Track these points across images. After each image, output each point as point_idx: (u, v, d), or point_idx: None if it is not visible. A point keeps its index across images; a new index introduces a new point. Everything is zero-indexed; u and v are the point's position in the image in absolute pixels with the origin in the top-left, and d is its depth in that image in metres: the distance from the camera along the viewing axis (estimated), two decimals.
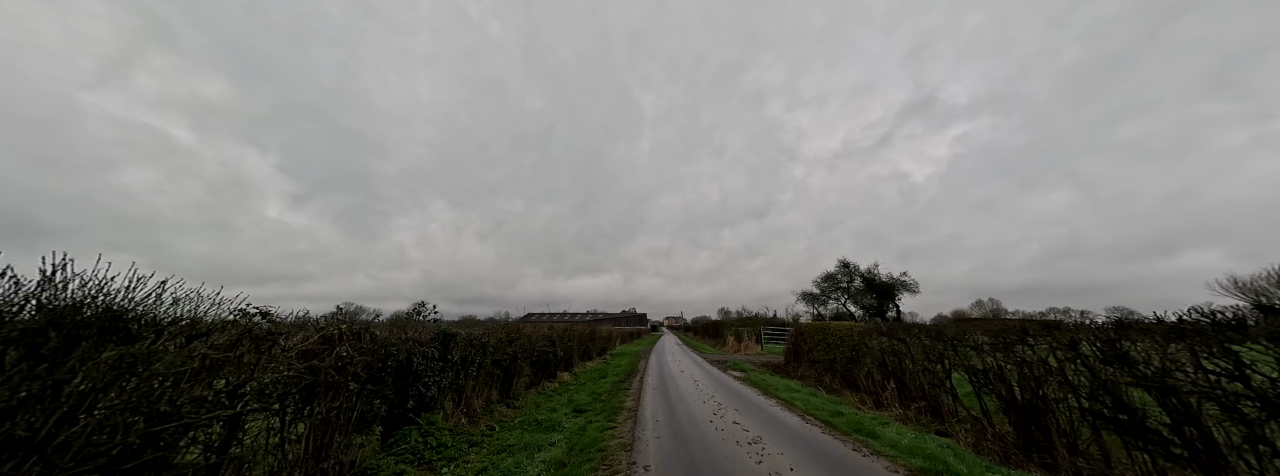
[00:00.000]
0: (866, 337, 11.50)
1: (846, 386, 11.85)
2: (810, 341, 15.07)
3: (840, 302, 37.11)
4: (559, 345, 12.66)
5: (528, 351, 10.10)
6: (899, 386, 9.31)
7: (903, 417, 8.38)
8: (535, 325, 11.79)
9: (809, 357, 15.85)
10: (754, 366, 17.05)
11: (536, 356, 11.10)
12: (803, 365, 15.99)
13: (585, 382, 12.52)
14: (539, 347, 11.05)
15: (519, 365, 9.38)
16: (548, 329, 12.14)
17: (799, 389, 10.55)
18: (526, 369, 10.29)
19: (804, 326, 15.87)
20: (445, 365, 6.14)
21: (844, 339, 12.27)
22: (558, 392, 10.77)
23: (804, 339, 16.05)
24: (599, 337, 21.65)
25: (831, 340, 13.01)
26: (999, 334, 6.67)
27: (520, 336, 9.61)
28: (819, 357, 14.24)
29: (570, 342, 14.64)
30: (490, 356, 8.08)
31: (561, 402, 9.29)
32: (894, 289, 34.05)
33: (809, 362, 15.63)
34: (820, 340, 13.95)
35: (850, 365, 11.99)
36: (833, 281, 37.76)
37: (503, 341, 8.69)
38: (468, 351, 7.05)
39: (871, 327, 11.65)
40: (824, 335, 13.66)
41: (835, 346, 12.81)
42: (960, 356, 7.41)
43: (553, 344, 12.05)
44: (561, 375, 13.26)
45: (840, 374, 12.33)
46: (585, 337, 17.62)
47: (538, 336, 11.17)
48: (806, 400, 8.87)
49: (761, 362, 18.32)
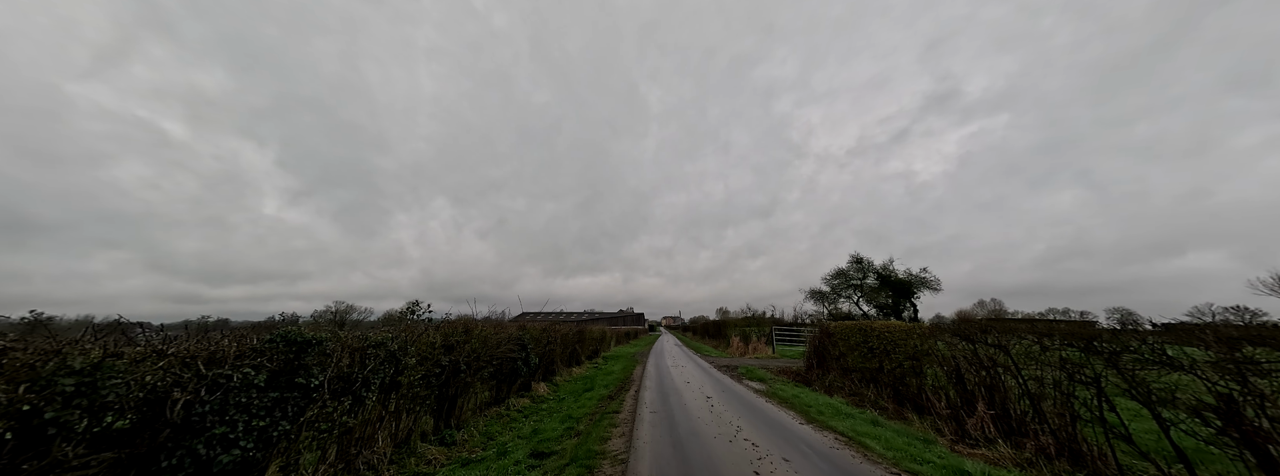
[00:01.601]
0: (928, 340, 8.86)
1: (901, 403, 9.21)
2: (843, 345, 12.41)
3: (853, 301, 34.46)
4: (533, 349, 9.97)
5: (481, 360, 7.40)
6: (999, 414, 6.63)
7: (1016, 461, 5.72)
8: (500, 326, 9.08)
9: (840, 364, 13.20)
10: (771, 374, 14.40)
11: (497, 365, 8.40)
12: (831, 373, 13.34)
13: (566, 397, 9.82)
14: (502, 353, 8.34)
15: (463, 380, 6.66)
16: (517, 329, 9.43)
17: (848, 411, 7.88)
18: (479, 386, 7.60)
19: (834, 326, 13.22)
20: (284, 396, 3.44)
21: (897, 343, 9.60)
22: (524, 415, 8.06)
23: (833, 341, 13.39)
24: (590, 338, 18.95)
25: (876, 344, 10.35)
26: (1225, 343, 4.04)
27: (470, 339, 6.91)
28: (855, 365, 11.59)
29: (550, 345, 11.93)
30: (410, 371, 5.38)
31: (523, 433, 6.60)
32: (912, 286, 31.41)
33: (840, 370, 12.98)
34: (858, 344, 11.30)
35: (904, 376, 9.34)
36: (844, 278, 35.07)
37: (433, 348, 5.98)
38: (349, 367, 4.35)
39: (929, 328, 9.04)
40: (863, 338, 11.00)
41: (881, 352, 10.16)
42: (1131, 374, 4.74)
43: (523, 348, 9.36)
44: (537, 387, 10.56)
45: (889, 387, 9.69)
46: (571, 339, 14.91)
47: (502, 339, 8.48)
48: (875, 432, 6.18)
49: (778, 369, 15.67)
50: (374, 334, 4.93)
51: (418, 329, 5.71)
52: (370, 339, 4.73)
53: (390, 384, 5.11)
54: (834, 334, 13.53)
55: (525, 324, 10.34)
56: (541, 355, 11.00)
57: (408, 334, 5.32)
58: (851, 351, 11.97)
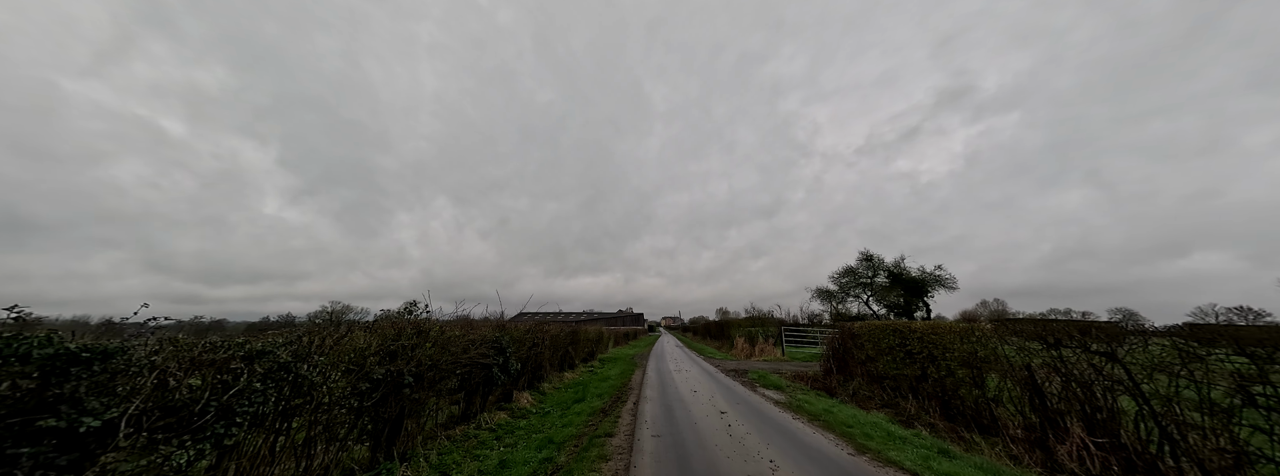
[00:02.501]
0: (988, 343, 7.34)
1: (952, 419, 7.71)
2: (871, 347, 10.91)
3: (862, 300, 32.95)
4: (515, 353, 8.47)
5: (441, 368, 5.89)
6: (1111, 443, 5.10)
7: None
8: (470, 326, 7.57)
9: (866, 370, 11.69)
10: (785, 379, 12.89)
11: (465, 373, 6.90)
12: (855, 379, 11.83)
13: (551, 410, 8.31)
14: (471, 358, 6.83)
15: (411, 397, 5.14)
16: (494, 330, 7.92)
17: (899, 432, 6.34)
18: (436, 402, 6.09)
19: (858, 327, 11.70)
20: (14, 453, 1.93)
21: (946, 347, 8.05)
22: (497, 436, 6.54)
23: (858, 343, 11.89)
24: (585, 339, 17.43)
25: (916, 348, 8.83)
26: None
27: (423, 344, 5.39)
28: (886, 371, 10.08)
29: (536, 348, 10.41)
30: (323, 389, 3.87)
31: (487, 466, 5.08)
32: (926, 285, 29.90)
33: (866, 377, 11.47)
34: (892, 347, 9.78)
35: (957, 387, 7.81)
36: (854, 276, 33.55)
37: (363, 356, 4.46)
38: (193, 393, 2.84)
39: (991, 328, 7.53)
40: (899, 340, 9.48)
41: (923, 357, 8.63)
42: None
43: (501, 352, 7.84)
44: (519, 397, 9.05)
45: (935, 398, 8.17)
46: (562, 340, 13.39)
47: (474, 341, 6.97)
48: (953, 470, 4.65)
49: (792, 373, 14.16)
50: (258, 340, 3.41)
51: (335, 332, 4.17)
52: (245, 347, 3.21)
53: (288, 409, 3.60)
54: (859, 335, 12.02)
55: (505, 324, 8.82)
56: (525, 359, 9.49)
57: (314, 339, 3.80)
58: (882, 355, 10.46)
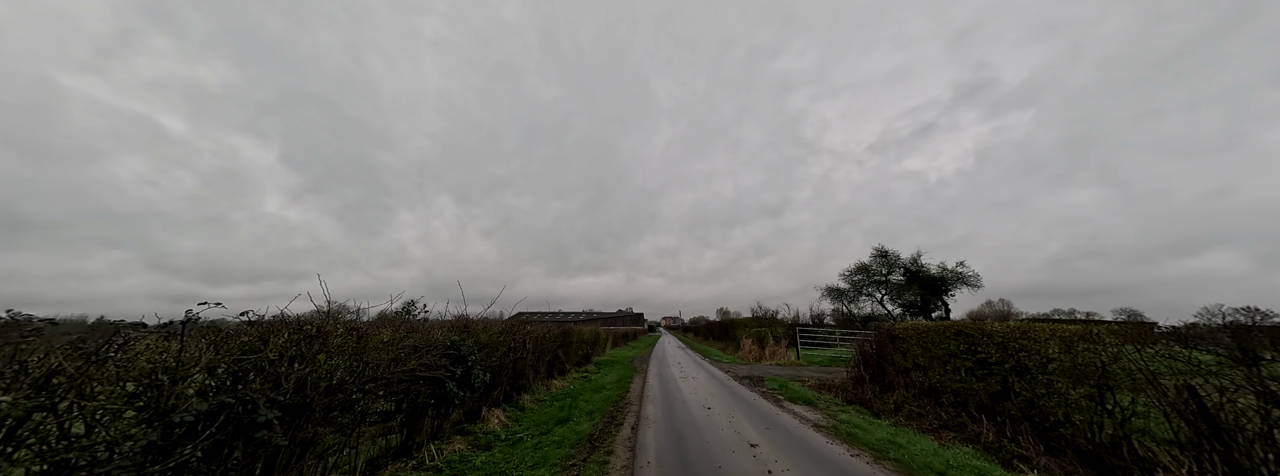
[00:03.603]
0: (1109, 352, 5.43)
1: (1055, 452, 5.81)
2: (921, 354, 9.02)
3: (876, 299, 31.04)
4: (482, 361, 6.61)
5: (356, 386, 4.02)
6: None
7: None
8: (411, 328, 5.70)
9: (909, 380, 9.82)
10: (810, 389, 11.03)
11: (404, 390, 5.05)
12: (896, 391, 9.94)
13: (526, 437, 6.43)
14: (404, 373, 4.98)
15: (268, 442, 3.23)
16: (449, 333, 6.07)
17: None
18: (332, 438, 4.20)
19: (903, 328, 9.83)
20: None
21: (1047, 356, 6.14)
22: None
23: (900, 348, 10.01)
24: (579, 341, 15.56)
25: (991, 355, 6.93)
26: None
27: (318, 354, 3.53)
28: (944, 383, 8.19)
29: (515, 353, 8.54)
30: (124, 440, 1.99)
31: None
32: (946, 283, 28.00)
33: (909, 388, 9.60)
34: (953, 353, 7.91)
35: (1068, 413, 5.88)
36: (867, 273, 31.65)
37: (163, 378, 2.58)
38: None
39: (1121, 331, 5.64)
40: (965, 345, 7.58)
41: (1004, 368, 6.74)
42: None
43: (460, 361, 5.97)
44: (490, 416, 7.18)
45: (1026, 422, 6.25)
46: (551, 343, 11.52)
47: (413, 348, 5.11)
48: None
49: (815, 382, 12.29)
50: None
51: (104, 345, 2.31)
52: None
53: None
54: (902, 338, 10.14)
55: (471, 323, 6.94)
56: (498, 368, 7.62)
57: None
58: (937, 363, 8.58)
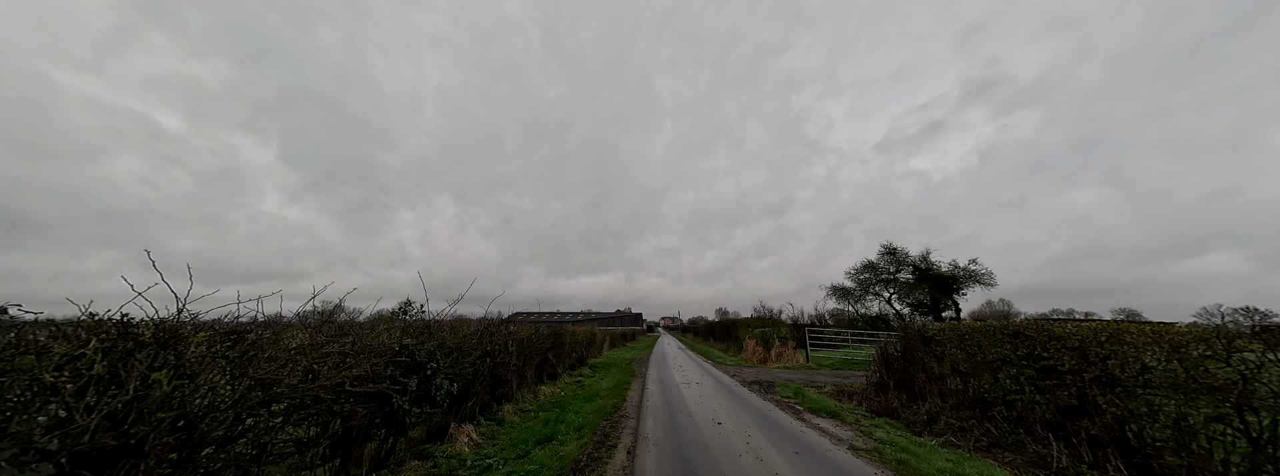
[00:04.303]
0: (1249, 357, 4.26)
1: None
2: (963, 359, 7.83)
3: (884, 298, 29.85)
4: (447, 368, 5.42)
5: (230, 414, 2.82)
6: None
7: None
8: (313, 334, 4.50)
9: (945, 388, 8.64)
10: (829, 397, 9.85)
11: (331, 411, 3.85)
12: (929, 400, 8.74)
13: (494, 465, 5.23)
14: (329, 389, 3.77)
15: None
16: (400, 335, 4.88)
17: None
18: None
19: (939, 329, 8.65)
20: None
21: (1146, 365, 4.94)
22: None
23: (934, 351, 8.82)
24: (571, 343, 14.35)
25: (1063, 361, 5.73)
26: None
27: (160, 370, 2.33)
28: (992, 394, 7.01)
29: (497, 357, 7.33)
30: None
31: None
32: (957, 282, 26.85)
33: (944, 396, 8.42)
34: (1005, 358, 6.72)
35: (1158, 431, 4.65)
36: (874, 272, 30.46)
37: None
38: None
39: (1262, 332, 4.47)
40: (1026, 349, 6.37)
41: (1085, 381, 5.54)
42: None
43: (416, 370, 4.78)
44: (459, 434, 5.97)
45: (1114, 447, 5.04)
46: (540, 345, 10.32)
47: (341, 357, 3.92)
48: None
49: (832, 389, 11.11)
50: None
51: None
52: None
53: None
54: (935, 340, 8.95)
55: (432, 324, 5.71)
56: (471, 377, 6.41)
57: None
58: (982, 370, 7.40)
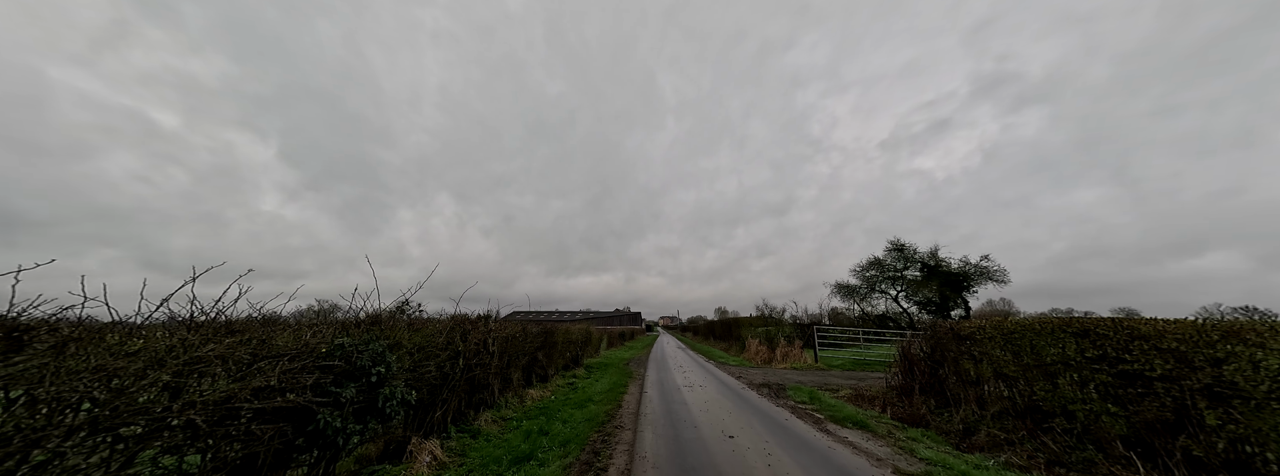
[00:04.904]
0: None
1: None
2: (1009, 361, 6.85)
3: (891, 297, 28.94)
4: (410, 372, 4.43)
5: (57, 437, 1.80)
6: None
7: None
8: (213, 332, 3.48)
9: (978, 393, 7.69)
10: (848, 403, 8.90)
11: (217, 430, 2.85)
12: (964, 407, 7.77)
13: None
14: (208, 406, 2.77)
15: None
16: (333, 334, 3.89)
17: None
18: None
19: (980, 327, 7.68)
20: None
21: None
22: None
23: (969, 351, 7.85)
24: (565, 342, 13.37)
25: (1147, 364, 4.76)
26: None
27: None
28: (1051, 402, 6.05)
29: (477, 359, 6.33)
30: None
31: None
32: (968, 279, 25.93)
33: (982, 404, 7.46)
34: (1068, 360, 5.74)
35: None
36: (880, 269, 29.52)
37: None
38: None
39: None
40: (1096, 351, 5.40)
41: (1188, 390, 4.57)
42: None
43: (356, 376, 3.79)
44: (422, 450, 4.97)
45: (1218, 469, 4.08)
46: (527, 344, 9.33)
47: (250, 359, 2.92)
48: None
49: (851, 392, 10.15)
50: None
51: None
52: None
53: None
54: (972, 338, 7.98)
55: (381, 317, 4.70)
56: (438, 382, 5.43)
57: None
58: (1035, 374, 6.42)
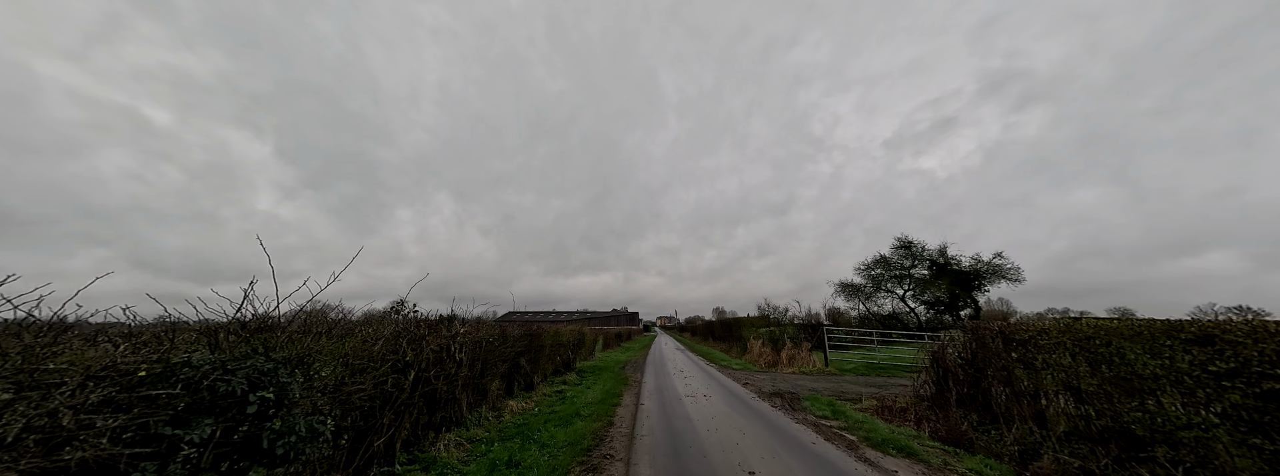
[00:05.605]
0: None
1: None
2: (1084, 374, 5.66)
3: (898, 296, 27.79)
4: (330, 393, 3.21)
5: None
6: None
7: None
8: None
9: (1034, 408, 6.50)
10: (881, 420, 7.73)
11: None
12: (1013, 425, 6.59)
13: None
14: None
15: None
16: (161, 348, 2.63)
17: None
18: None
19: (1035, 329, 6.51)
20: None
21: None
22: None
23: (1023, 357, 6.67)
24: (554, 344, 12.16)
25: None
26: None
27: None
28: (1148, 426, 4.88)
29: (440, 369, 5.11)
30: None
31: None
32: (980, 277, 24.82)
33: (1040, 422, 6.28)
34: (1166, 373, 4.56)
35: None
36: (887, 267, 28.39)
37: None
38: None
39: None
40: (1234, 363, 4.26)
41: None
42: None
43: (198, 404, 2.59)
44: None
45: None
46: (506, 349, 8.12)
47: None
48: None
49: (874, 402, 8.96)
50: None
51: None
52: None
53: None
54: (1026, 343, 6.79)
55: (269, 323, 3.47)
56: (370, 405, 4.22)
57: None
58: (1117, 389, 5.25)
